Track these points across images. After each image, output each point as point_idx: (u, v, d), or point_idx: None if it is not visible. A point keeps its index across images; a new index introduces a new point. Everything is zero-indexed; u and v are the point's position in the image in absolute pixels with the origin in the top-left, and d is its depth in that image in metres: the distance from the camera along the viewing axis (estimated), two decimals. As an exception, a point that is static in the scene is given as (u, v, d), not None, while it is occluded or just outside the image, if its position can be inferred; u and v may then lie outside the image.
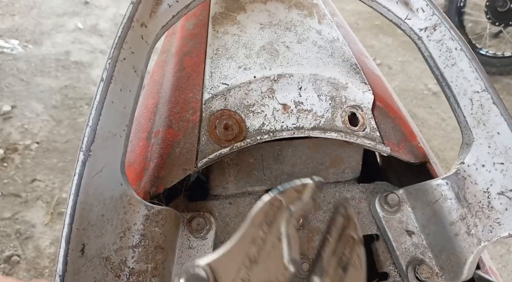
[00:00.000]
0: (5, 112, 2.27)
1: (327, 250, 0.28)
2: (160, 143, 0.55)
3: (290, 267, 0.27)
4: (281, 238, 0.28)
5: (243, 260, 0.27)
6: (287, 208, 0.29)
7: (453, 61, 0.54)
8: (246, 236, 0.28)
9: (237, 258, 0.27)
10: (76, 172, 0.41)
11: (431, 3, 0.56)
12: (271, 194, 0.29)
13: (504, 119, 0.49)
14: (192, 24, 0.78)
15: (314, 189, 0.30)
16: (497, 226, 0.48)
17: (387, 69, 2.95)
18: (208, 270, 0.26)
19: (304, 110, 0.57)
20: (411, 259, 0.51)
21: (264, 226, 0.28)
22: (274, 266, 0.27)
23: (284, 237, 0.28)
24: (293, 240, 0.28)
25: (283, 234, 0.28)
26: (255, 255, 0.27)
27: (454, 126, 2.40)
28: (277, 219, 0.28)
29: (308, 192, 0.29)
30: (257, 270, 0.27)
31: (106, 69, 0.46)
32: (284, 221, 0.28)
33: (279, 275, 0.27)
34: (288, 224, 0.28)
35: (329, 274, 0.27)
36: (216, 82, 0.57)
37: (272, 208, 0.28)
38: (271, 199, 0.29)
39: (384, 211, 0.53)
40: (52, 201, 1.86)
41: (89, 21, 3.28)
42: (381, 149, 0.57)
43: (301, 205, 0.29)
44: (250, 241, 0.27)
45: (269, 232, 0.28)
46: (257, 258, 0.27)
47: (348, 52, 0.65)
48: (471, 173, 0.50)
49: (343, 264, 0.28)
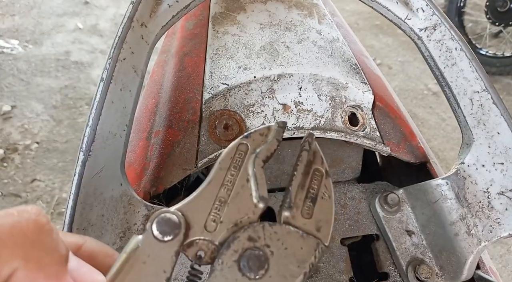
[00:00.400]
0: (5, 112, 2.27)
1: (294, 184, 0.28)
2: (160, 143, 0.55)
3: (260, 204, 0.28)
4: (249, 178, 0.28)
5: (214, 203, 0.28)
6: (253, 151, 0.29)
7: (453, 61, 0.54)
8: (215, 180, 0.28)
9: (207, 201, 0.28)
10: (76, 172, 0.41)
11: (431, 3, 0.56)
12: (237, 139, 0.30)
13: (504, 119, 0.49)
14: (192, 24, 0.78)
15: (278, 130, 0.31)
16: (497, 226, 0.48)
17: (387, 69, 2.95)
18: (179, 214, 0.27)
19: (304, 110, 0.57)
20: (411, 259, 0.51)
21: (232, 170, 0.29)
22: (244, 205, 0.28)
23: (252, 177, 0.28)
24: (260, 179, 0.28)
25: (250, 175, 0.28)
26: (225, 197, 0.28)
27: (454, 126, 2.40)
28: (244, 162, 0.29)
29: (272, 134, 0.30)
30: (227, 210, 0.27)
31: (106, 69, 0.46)
32: (250, 162, 0.29)
33: (249, 213, 0.27)
34: (255, 164, 0.29)
35: (298, 207, 0.28)
36: (216, 82, 0.57)
37: (239, 152, 0.29)
38: (236, 143, 0.30)
39: (384, 211, 0.53)
40: (52, 201, 1.86)
41: (89, 21, 3.28)
42: (381, 149, 0.57)
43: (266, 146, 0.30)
44: (219, 185, 0.28)
45: (237, 174, 0.29)
46: (227, 199, 0.28)
47: (348, 52, 0.65)
48: (471, 173, 0.50)
49: (311, 196, 0.28)
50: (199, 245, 0.27)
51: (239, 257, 0.26)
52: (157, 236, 0.26)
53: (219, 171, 0.29)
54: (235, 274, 0.25)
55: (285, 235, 0.27)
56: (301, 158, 0.29)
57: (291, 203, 0.28)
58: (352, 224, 0.55)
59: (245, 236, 0.26)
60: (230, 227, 0.27)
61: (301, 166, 0.29)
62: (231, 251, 0.26)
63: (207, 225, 0.27)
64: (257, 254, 0.26)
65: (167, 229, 0.26)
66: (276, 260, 0.26)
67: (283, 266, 0.26)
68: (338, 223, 0.55)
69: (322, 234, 0.27)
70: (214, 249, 0.26)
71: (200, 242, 0.27)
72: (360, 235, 0.55)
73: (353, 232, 0.55)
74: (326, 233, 0.27)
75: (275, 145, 0.30)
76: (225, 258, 0.26)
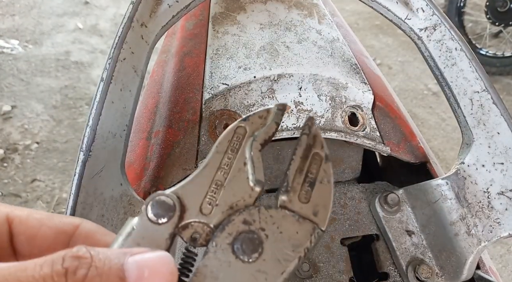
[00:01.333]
0: (5, 112, 2.27)
1: (292, 168, 0.28)
2: (160, 143, 0.55)
3: (256, 188, 0.27)
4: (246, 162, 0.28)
5: (210, 186, 0.27)
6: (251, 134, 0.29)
7: (453, 61, 0.54)
8: (211, 163, 0.28)
9: (203, 184, 0.27)
10: (76, 172, 0.41)
11: (431, 3, 0.56)
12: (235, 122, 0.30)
13: (504, 119, 0.49)
14: (192, 24, 0.78)
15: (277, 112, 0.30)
16: (497, 226, 0.48)
17: (387, 69, 2.95)
18: (174, 196, 0.27)
19: (304, 110, 0.57)
20: (411, 259, 0.51)
21: (230, 153, 0.28)
22: (240, 188, 0.27)
23: (249, 161, 0.28)
24: (257, 163, 0.28)
25: (247, 158, 0.28)
26: (221, 180, 0.28)
27: (454, 126, 2.40)
28: (242, 145, 0.29)
29: (271, 116, 0.30)
30: (223, 193, 0.27)
31: (106, 69, 0.46)
32: (248, 145, 0.29)
33: (245, 196, 0.27)
34: (252, 147, 0.28)
35: (296, 191, 0.27)
36: (216, 82, 0.57)
37: (237, 135, 0.29)
38: (233, 126, 0.29)
39: (384, 211, 0.53)
40: (52, 201, 1.86)
41: (89, 21, 3.28)
42: (381, 149, 0.57)
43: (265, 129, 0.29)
44: (216, 168, 0.28)
45: (235, 157, 0.28)
46: (223, 182, 0.28)
47: (348, 52, 0.65)
48: (471, 173, 0.50)
49: (310, 180, 0.28)
50: (194, 228, 0.27)
51: (233, 239, 0.25)
52: (152, 219, 0.26)
53: (216, 154, 0.28)
54: (228, 257, 0.25)
55: (281, 219, 0.26)
56: (301, 141, 0.29)
57: (289, 186, 0.27)
58: (352, 224, 0.55)
59: (240, 219, 0.26)
60: (225, 210, 0.27)
61: (300, 150, 0.28)
62: (225, 233, 0.26)
63: (203, 208, 0.27)
64: (251, 237, 0.25)
65: (162, 212, 0.26)
66: (271, 243, 0.25)
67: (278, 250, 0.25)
68: (338, 223, 0.55)
69: (319, 219, 0.27)
70: (209, 232, 0.26)
71: (195, 225, 0.27)
72: (360, 235, 0.55)
73: (353, 232, 0.55)
74: (323, 217, 0.27)
75: (274, 128, 0.30)
76: (219, 241, 0.25)
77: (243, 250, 0.25)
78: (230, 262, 0.25)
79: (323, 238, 0.54)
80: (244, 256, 0.25)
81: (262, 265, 0.25)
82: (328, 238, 0.54)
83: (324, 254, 0.53)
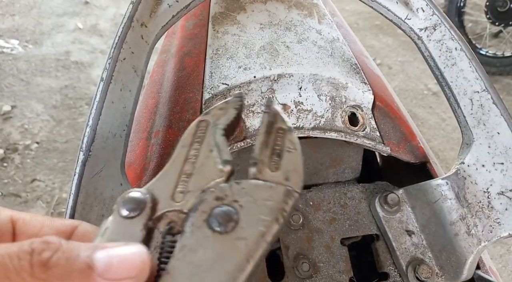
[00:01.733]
0: (5, 112, 2.27)
1: (257, 143, 0.28)
2: (160, 143, 0.55)
3: (226, 168, 0.27)
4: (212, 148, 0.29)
5: (179, 177, 0.28)
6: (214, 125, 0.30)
7: (453, 61, 0.54)
8: (178, 157, 0.28)
9: (172, 176, 0.28)
10: (76, 172, 0.41)
11: (431, 3, 0.56)
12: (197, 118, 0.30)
13: (504, 119, 0.49)
14: (192, 24, 0.78)
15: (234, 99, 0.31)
16: (497, 226, 0.48)
17: (387, 69, 2.95)
18: (144, 191, 0.27)
19: (304, 110, 0.57)
20: (411, 259, 0.51)
21: (195, 145, 0.29)
22: (210, 172, 0.28)
23: (214, 147, 0.29)
24: (223, 146, 0.29)
25: (212, 144, 0.29)
26: (190, 170, 0.28)
27: (454, 126, 2.40)
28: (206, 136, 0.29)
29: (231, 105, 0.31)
30: (194, 179, 0.27)
31: (106, 69, 0.46)
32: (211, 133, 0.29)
33: (216, 178, 0.27)
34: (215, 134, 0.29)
35: (265, 162, 0.27)
36: (216, 82, 0.57)
37: (200, 128, 0.30)
38: (196, 122, 0.30)
39: (384, 211, 0.53)
40: (52, 201, 1.86)
41: (89, 21, 3.28)
42: (381, 149, 0.57)
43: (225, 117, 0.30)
44: (183, 160, 0.28)
45: (201, 148, 0.29)
46: (192, 171, 0.28)
47: (348, 52, 0.65)
48: (471, 173, 0.50)
49: (277, 152, 0.28)
50: (169, 217, 0.27)
51: (207, 216, 0.25)
52: (124, 214, 0.26)
53: (181, 148, 0.29)
54: (205, 232, 0.25)
55: (253, 188, 0.26)
56: (263, 119, 0.29)
57: (257, 159, 0.27)
58: (352, 224, 0.55)
59: (212, 197, 0.26)
60: (198, 194, 0.27)
61: (263, 127, 0.29)
62: (199, 212, 0.25)
63: (175, 197, 0.27)
64: (226, 210, 0.25)
65: (133, 206, 0.26)
66: (246, 212, 0.25)
67: (254, 216, 0.25)
68: (338, 223, 0.55)
69: (292, 182, 0.27)
70: (185, 217, 0.26)
71: (170, 214, 0.27)
72: (360, 235, 0.55)
73: (353, 232, 0.55)
74: (296, 180, 0.27)
75: (234, 113, 0.30)
76: (194, 220, 0.25)
77: (219, 223, 0.25)
78: (207, 237, 0.24)
79: (323, 238, 0.54)
80: (220, 227, 0.25)
81: (240, 232, 0.24)
82: (328, 238, 0.54)
83: (324, 254, 0.53)
